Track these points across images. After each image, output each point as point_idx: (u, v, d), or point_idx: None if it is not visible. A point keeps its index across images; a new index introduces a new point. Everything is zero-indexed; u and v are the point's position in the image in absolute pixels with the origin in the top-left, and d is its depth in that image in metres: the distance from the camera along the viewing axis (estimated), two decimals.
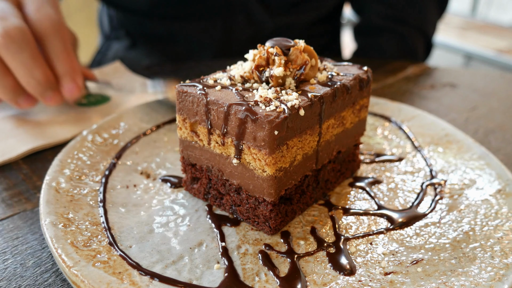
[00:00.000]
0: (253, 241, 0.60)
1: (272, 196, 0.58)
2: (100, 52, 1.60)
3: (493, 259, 0.55)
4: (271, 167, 0.55)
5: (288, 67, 0.59)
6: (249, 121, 0.54)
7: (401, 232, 0.62)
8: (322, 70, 0.66)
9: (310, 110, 0.57)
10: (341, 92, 0.63)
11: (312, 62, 0.62)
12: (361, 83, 0.67)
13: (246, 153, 0.57)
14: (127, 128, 0.85)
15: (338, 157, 0.71)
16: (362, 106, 0.71)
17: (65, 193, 0.65)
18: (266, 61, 0.60)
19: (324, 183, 0.69)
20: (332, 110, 0.63)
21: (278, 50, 0.60)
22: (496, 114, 1.05)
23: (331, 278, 0.53)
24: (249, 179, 0.59)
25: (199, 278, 0.53)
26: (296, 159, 0.59)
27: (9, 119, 0.94)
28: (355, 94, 0.67)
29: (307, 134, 0.60)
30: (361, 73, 0.68)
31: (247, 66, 0.63)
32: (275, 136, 0.53)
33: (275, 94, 0.57)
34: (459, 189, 0.70)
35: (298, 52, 0.60)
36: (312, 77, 0.63)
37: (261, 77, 0.60)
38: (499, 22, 4.61)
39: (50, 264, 0.58)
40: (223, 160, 0.61)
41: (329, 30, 1.58)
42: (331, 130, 0.65)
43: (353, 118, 0.70)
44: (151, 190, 0.70)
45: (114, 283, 0.50)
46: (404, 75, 1.29)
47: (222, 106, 0.56)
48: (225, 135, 0.58)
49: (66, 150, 0.74)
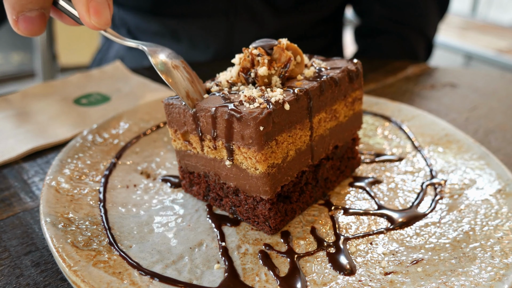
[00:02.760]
0: (253, 241, 0.60)
1: (268, 194, 0.58)
2: (101, 51, 1.59)
3: (493, 259, 0.55)
4: (262, 164, 0.56)
5: (273, 66, 0.60)
6: (234, 120, 0.55)
7: (401, 232, 0.62)
8: (310, 66, 0.67)
9: (296, 105, 0.58)
10: (328, 85, 0.63)
11: (298, 59, 0.63)
12: (350, 75, 0.67)
13: (237, 154, 0.58)
14: (127, 128, 0.85)
15: (336, 152, 0.71)
16: (355, 99, 0.70)
17: (65, 193, 0.65)
18: (251, 62, 0.61)
19: (324, 182, 0.69)
20: (322, 103, 0.63)
21: (261, 50, 0.61)
22: (496, 114, 1.05)
23: (331, 278, 0.53)
24: (244, 179, 0.59)
25: (199, 278, 0.53)
26: (289, 154, 0.60)
27: (9, 119, 0.94)
28: (345, 86, 0.67)
29: (297, 129, 0.60)
30: (350, 65, 0.67)
31: (234, 71, 0.64)
32: (261, 132, 0.53)
33: (260, 92, 0.58)
34: (459, 189, 0.70)
35: (281, 50, 0.61)
36: (298, 74, 0.63)
37: (247, 78, 0.62)
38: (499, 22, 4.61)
39: (50, 264, 0.58)
40: (218, 164, 0.62)
41: (331, 31, 1.58)
42: (323, 124, 0.65)
43: (346, 111, 0.69)
44: (151, 190, 0.70)
45: (114, 283, 0.50)
46: (404, 75, 1.29)
47: (209, 110, 0.57)
48: (216, 139, 0.59)
49: (66, 150, 0.74)
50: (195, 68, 0.67)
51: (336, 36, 1.62)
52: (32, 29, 0.61)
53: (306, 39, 1.48)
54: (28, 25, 0.61)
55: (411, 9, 1.45)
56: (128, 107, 1.00)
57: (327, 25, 1.53)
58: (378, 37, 1.50)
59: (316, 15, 1.46)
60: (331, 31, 1.58)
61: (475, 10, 4.88)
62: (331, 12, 1.50)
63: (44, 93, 1.06)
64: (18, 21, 0.60)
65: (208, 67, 1.24)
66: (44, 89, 1.07)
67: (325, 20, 1.50)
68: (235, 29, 1.38)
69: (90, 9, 0.58)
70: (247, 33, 1.39)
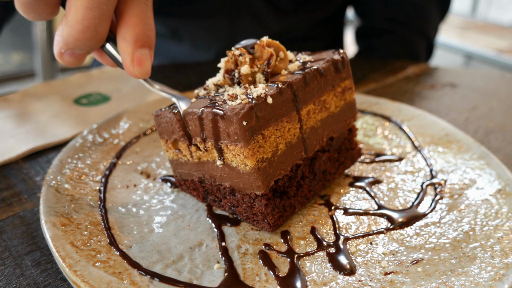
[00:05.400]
0: (253, 241, 0.60)
1: (261, 189, 0.58)
2: None
3: (493, 259, 0.55)
4: (251, 159, 0.56)
5: (255, 64, 0.61)
6: (218, 119, 0.55)
7: (401, 232, 0.62)
8: (295, 61, 0.67)
9: (280, 98, 0.58)
10: (313, 76, 0.63)
11: (280, 55, 0.63)
12: (336, 65, 0.66)
13: (226, 152, 0.58)
14: (127, 128, 0.85)
15: (332, 144, 0.70)
16: (345, 89, 0.70)
17: (65, 193, 0.65)
18: (235, 63, 0.62)
19: (322, 174, 0.69)
20: (308, 95, 0.63)
21: (242, 50, 0.62)
22: (496, 114, 1.05)
23: (331, 278, 0.53)
24: (237, 177, 0.60)
25: (199, 278, 0.53)
26: (279, 148, 0.60)
27: (9, 119, 0.94)
28: (332, 76, 0.66)
29: (284, 122, 0.60)
30: (335, 55, 0.67)
31: (220, 74, 0.65)
32: (245, 128, 0.54)
33: (244, 90, 0.58)
34: (459, 189, 0.70)
35: (261, 47, 0.62)
36: (282, 69, 0.63)
37: (232, 79, 0.62)
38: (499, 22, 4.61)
39: (50, 264, 0.58)
40: (211, 166, 0.62)
41: (332, 31, 1.58)
42: (313, 116, 0.65)
43: (337, 102, 0.69)
44: (151, 190, 0.70)
45: (114, 283, 0.50)
46: (404, 75, 1.29)
47: (195, 113, 0.58)
48: (205, 140, 0.60)
49: (66, 150, 0.74)
50: (195, 68, 0.67)
51: (337, 37, 1.62)
52: (74, 63, 0.63)
53: (307, 40, 1.48)
54: (73, 60, 0.62)
55: (412, 9, 1.45)
56: (128, 107, 1.00)
57: (328, 25, 1.53)
58: (379, 38, 1.50)
59: (317, 15, 1.46)
60: (332, 31, 1.58)
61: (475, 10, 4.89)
62: (333, 13, 1.51)
63: (44, 93, 1.06)
64: (64, 55, 0.60)
65: (209, 67, 1.25)
66: (44, 89, 1.07)
67: (327, 20, 1.50)
68: (237, 30, 1.38)
69: (135, 59, 0.59)
70: (249, 33, 1.38)
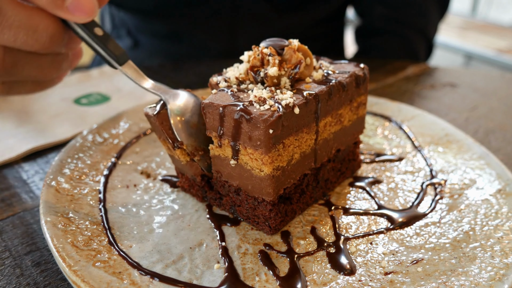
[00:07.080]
0: (253, 240, 0.60)
1: (270, 196, 0.58)
2: None
3: (493, 258, 0.55)
4: (268, 166, 0.55)
5: (283, 67, 0.60)
6: (244, 121, 0.54)
7: (401, 232, 0.62)
8: (318, 69, 0.66)
9: (305, 108, 0.57)
10: (337, 90, 0.62)
11: (307, 61, 0.62)
12: (357, 80, 0.67)
13: (243, 154, 0.57)
14: (127, 127, 0.85)
15: (338, 155, 0.71)
16: (360, 104, 0.70)
17: (65, 193, 0.65)
18: (261, 61, 0.61)
19: (324, 183, 0.69)
20: (329, 108, 0.63)
21: (272, 50, 0.60)
22: (496, 114, 1.05)
23: (331, 278, 0.53)
24: (247, 179, 0.59)
25: (199, 278, 0.53)
26: (294, 157, 0.59)
27: (9, 119, 0.94)
28: (352, 91, 0.67)
29: (304, 133, 0.60)
30: (357, 70, 0.67)
31: (242, 68, 0.63)
32: (270, 135, 0.53)
33: (270, 93, 0.57)
34: (459, 189, 0.70)
35: (292, 51, 0.60)
36: (307, 76, 0.63)
37: (256, 77, 0.61)
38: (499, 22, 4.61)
39: (50, 264, 0.58)
40: (221, 162, 0.61)
41: (332, 31, 1.58)
42: (328, 128, 0.65)
43: (351, 116, 0.69)
44: (151, 190, 0.70)
45: (114, 282, 0.50)
46: (404, 75, 1.29)
47: (218, 107, 0.56)
48: (221, 137, 0.58)
49: (66, 150, 0.74)
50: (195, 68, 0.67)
51: (337, 36, 1.62)
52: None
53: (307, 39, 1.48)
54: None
55: (412, 9, 1.45)
56: (128, 107, 1.00)
57: (328, 25, 1.53)
58: (378, 37, 1.50)
59: (317, 15, 1.46)
60: (333, 31, 1.58)
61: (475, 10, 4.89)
62: (333, 12, 1.50)
63: (44, 93, 1.06)
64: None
65: (209, 67, 1.25)
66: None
67: (326, 20, 1.50)
68: (237, 30, 1.38)
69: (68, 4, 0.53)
70: (249, 33, 1.39)
